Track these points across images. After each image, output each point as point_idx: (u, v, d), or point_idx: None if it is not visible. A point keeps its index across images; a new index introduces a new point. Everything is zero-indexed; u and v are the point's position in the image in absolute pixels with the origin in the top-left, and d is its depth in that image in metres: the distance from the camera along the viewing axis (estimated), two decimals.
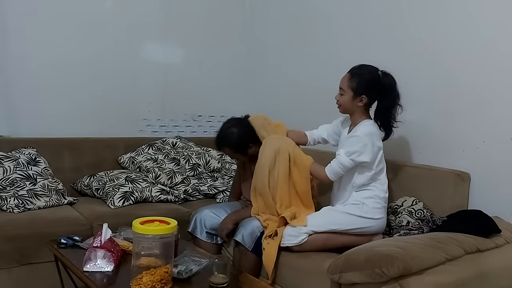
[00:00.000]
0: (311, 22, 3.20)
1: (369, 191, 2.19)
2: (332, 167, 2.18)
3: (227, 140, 2.41)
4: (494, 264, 1.86)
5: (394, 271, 1.58)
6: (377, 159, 2.16)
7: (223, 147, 2.45)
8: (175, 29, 3.45)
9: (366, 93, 2.16)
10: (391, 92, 2.18)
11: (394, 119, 2.22)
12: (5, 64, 2.85)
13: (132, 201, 2.72)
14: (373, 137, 2.15)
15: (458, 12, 2.36)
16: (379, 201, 2.19)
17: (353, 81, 2.17)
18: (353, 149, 2.12)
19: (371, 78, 2.17)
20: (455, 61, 2.37)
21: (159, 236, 1.62)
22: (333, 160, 2.19)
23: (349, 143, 2.16)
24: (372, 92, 2.18)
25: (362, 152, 2.11)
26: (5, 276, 2.21)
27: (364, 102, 2.18)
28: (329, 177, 2.19)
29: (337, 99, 2.24)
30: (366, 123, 2.19)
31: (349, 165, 2.14)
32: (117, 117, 3.25)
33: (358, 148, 2.12)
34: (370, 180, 2.18)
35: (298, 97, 3.22)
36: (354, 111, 2.22)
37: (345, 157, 2.13)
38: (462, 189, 2.25)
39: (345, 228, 2.14)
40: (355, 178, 2.19)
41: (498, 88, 2.21)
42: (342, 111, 2.26)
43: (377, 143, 2.16)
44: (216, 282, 1.69)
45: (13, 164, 2.60)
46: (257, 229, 2.20)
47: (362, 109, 2.21)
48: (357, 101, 2.18)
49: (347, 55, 2.89)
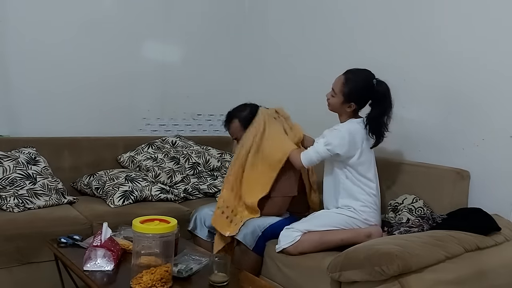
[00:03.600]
0: (311, 21, 3.19)
1: (360, 194, 2.18)
2: (307, 153, 2.20)
3: (239, 113, 2.42)
4: (494, 262, 1.86)
5: (394, 269, 1.59)
6: (356, 158, 2.15)
7: (232, 119, 2.44)
8: (174, 28, 3.45)
9: (356, 101, 2.19)
10: (383, 101, 2.17)
11: (386, 127, 2.20)
12: (5, 64, 2.85)
13: (132, 200, 2.72)
14: (355, 135, 2.16)
15: (458, 10, 2.36)
16: (371, 205, 2.18)
17: (345, 87, 2.18)
18: (331, 140, 2.14)
19: (364, 86, 2.18)
20: (455, 58, 2.37)
21: (159, 235, 1.62)
22: (310, 147, 2.21)
23: (330, 135, 2.19)
24: (362, 100, 2.20)
25: (338, 144, 2.13)
26: (5, 275, 2.21)
27: (352, 109, 2.21)
28: (302, 161, 2.20)
29: (328, 97, 2.26)
30: (352, 120, 2.21)
31: (324, 155, 2.16)
32: (116, 116, 3.25)
33: (336, 140, 2.13)
34: (357, 183, 2.18)
35: (298, 95, 3.22)
36: (342, 113, 2.25)
37: (322, 146, 2.15)
38: (461, 187, 2.25)
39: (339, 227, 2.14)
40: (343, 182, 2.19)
41: (498, 86, 2.21)
42: (331, 109, 2.28)
43: (356, 141, 2.16)
44: (216, 281, 1.69)
45: (13, 164, 2.60)
46: (259, 228, 2.20)
47: (350, 112, 2.23)
48: (346, 106, 2.20)
49: (347, 53, 2.90)
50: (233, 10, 3.70)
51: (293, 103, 3.16)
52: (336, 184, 2.22)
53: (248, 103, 2.49)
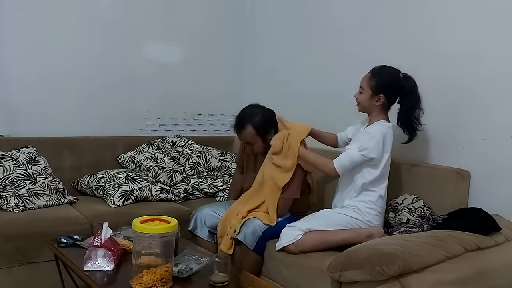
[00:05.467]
0: (311, 23, 3.19)
1: (369, 196, 2.18)
2: (341, 159, 2.17)
3: (252, 118, 2.34)
4: (494, 262, 1.86)
5: (394, 269, 1.59)
6: (382, 163, 2.16)
7: (245, 125, 2.36)
8: (175, 28, 3.45)
9: (384, 93, 2.18)
10: (410, 95, 2.19)
11: (418, 122, 2.22)
12: (4, 63, 2.84)
13: (132, 200, 2.72)
14: (386, 138, 2.15)
15: (458, 10, 2.36)
16: (376, 207, 2.19)
17: (372, 80, 2.19)
18: (366, 145, 2.12)
19: (391, 79, 2.20)
20: (455, 58, 2.36)
21: (159, 235, 1.62)
22: (342, 154, 2.19)
23: (363, 139, 2.17)
24: (390, 93, 2.20)
25: (374, 148, 2.12)
26: (5, 275, 2.21)
27: (381, 102, 2.19)
28: (337, 169, 2.16)
29: (356, 97, 2.25)
30: (382, 123, 2.20)
31: (359, 160, 2.14)
32: (117, 116, 3.25)
33: (371, 145, 2.12)
34: (371, 185, 2.18)
35: (298, 96, 3.21)
36: (372, 110, 2.23)
37: (356, 152, 2.13)
38: (462, 187, 2.25)
39: (340, 227, 2.14)
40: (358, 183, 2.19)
41: (498, 86, 2.21)
42: (360, 109, 2.27)
43: (387, 145, 2.16)
44: (217, 281, 1.69)
45: (13, 164, 2.60)
46: (259, 229, 2.20)
47: (379, 109, 2.22)
48: (375, 100, 2.19)
49: (348, 56, 2.89)
50: (234, 12, 3.70)
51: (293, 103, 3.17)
52: (351, 185, 2.21)
53: (255, 104, 2.44)
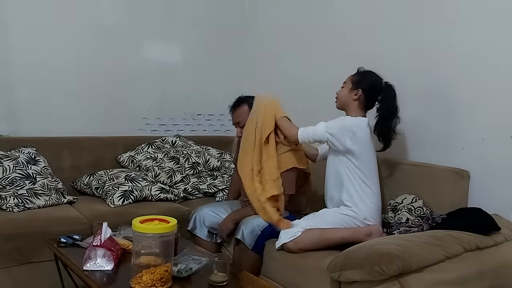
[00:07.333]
0: (312, 22, 3.19)
1: (359, 194, 2.18)
2: (306, 129, 2.22)
3: (249, 100, 2.46)
4: (494, 262, 1.86)
5: (393, 269, 1.59)
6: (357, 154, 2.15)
7: (241, 104, 2.48)
8: (175, 29, 3.45)
9: (363, 89, 2.21)
10: (389, 102, 2.22)
11: (393, 131, 2.24)
12: (4, 63, 2.85)
13: (131, 200, 2.72)
14: (358, 128, 2.16)
15: (457, 11, 2.36)
16: (370, 204, 2.19)
17: (355, 76, 2.25)
18: (332, 125, 2.16)
19: (373, 81, 2.24)
20: (454, 58, 2.37)
21: (159, 234, 1.62)
22: (310, 126, 2.22)
23: (334, 121, 2.20)
24: (369, 91, 2.22)
25: (338, 132, 2.14)
26: (5, 275, 2.21)
27: (358, 96, 2.21)
28: (298, 135, 2.22)
29: (337, 92, 2.29)
30: (359, 118, 2.22)
31: (322, 137, 2.18)
32: (116, 116, 3.25)
33: (337, 127, 2.15)
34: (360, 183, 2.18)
35: (298, 96, 3.20)
36: (349, 105, 2.25)
37: (323, 128, 2.17)
38: (461, 187, 2.25)
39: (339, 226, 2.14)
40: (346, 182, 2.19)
41: (498, 86, 2.21)
42: (338, 105, 2.30)
43: (358, 135, 2.15)
44: (216, 281, 1.69)
45: (13, 163, 2.60)
46: (258, 228, 2.20)
47: (356, 106, 2.23)
48: (353, 94, 2.22)
49: (347, 54, 2.89)
50: (233, 13, 3.70)
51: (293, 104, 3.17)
52: (339, 184, 2.22)
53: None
